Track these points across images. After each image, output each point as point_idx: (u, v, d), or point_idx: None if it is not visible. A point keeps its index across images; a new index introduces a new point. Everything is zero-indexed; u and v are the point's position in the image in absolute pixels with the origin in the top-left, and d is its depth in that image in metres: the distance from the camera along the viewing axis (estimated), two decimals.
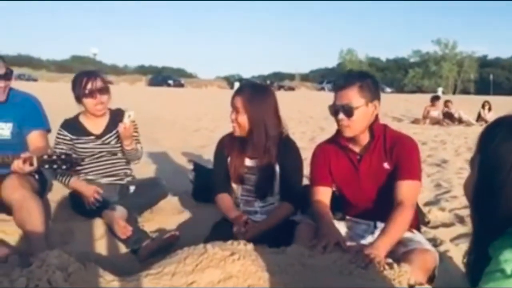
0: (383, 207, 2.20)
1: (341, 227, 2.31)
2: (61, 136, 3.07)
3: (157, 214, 3.28)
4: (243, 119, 2.52)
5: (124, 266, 2.43)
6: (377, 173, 2.26)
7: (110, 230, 2.83)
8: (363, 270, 1.83)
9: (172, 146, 6.95)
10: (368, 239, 2.25)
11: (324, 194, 2.36)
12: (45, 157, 2.48)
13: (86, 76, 3.04)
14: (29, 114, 2.86)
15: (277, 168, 2.58)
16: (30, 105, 2.92)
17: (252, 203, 2.67)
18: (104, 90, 3.06)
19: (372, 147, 2.26)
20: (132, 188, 3.17)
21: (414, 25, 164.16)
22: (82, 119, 3.16)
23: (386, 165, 2.24)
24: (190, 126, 10.60)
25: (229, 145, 2.69)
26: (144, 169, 4.47)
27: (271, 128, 2.54)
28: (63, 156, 2.49)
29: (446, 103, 13.10)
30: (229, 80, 61.39)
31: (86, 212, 2.97)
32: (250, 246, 2.00)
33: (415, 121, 12.80)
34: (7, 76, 2.75)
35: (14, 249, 2.60)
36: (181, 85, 49.46)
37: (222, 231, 2.45)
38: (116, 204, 2.87)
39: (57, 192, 3.30)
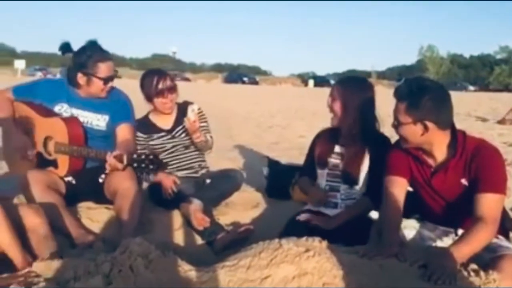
0: (464, 215, 2.08)
1: (423, 229, 2.21)
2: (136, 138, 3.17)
3: (232, 208, 3.33)
4: (337, 106, 2.56)
5: (200, 257, 2.49)
6: (453, 189, 2.11)
7: (187, 222, 2.91)
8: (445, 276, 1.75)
9: (246, 142, 7.04)
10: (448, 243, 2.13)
11: (400, 186, 2.22)
12: (135, 156, 2.58)
13: (157, 75, 3.15)
14: (121, 108, 3.02)
15: (367, 159, 2.56)
16: (122, 100, 3.07)
17: (336, 189, 2.62)
18: (173, 89, 3.17)
19: (448, 164, 2.10)
20: (207, 181, 3.24)
21: (501, 19, 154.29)
22: (152, 116, 3.27)
23: (463, 181, 2.08)
24: (264, 123, 10.67)
25: (322, 137, 2.77)
26: (218, 164, 4.55)
27: (363, 118, 2.55)
28: (151, 157, 2.57)
29: None
30: (303, 78, 61.04)
31: (165, 203, 3.07)
32: (325, 243, 1.97)
33: (502, 121, 12.00)
34: (115, 77, 2.94)
35: (99, 236, 2.76)
36: (256, 82, 49.98)
37: (297, 227, 2.43)
38: (192, 197, 2.95)
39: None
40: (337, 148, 2.66)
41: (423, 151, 2.15)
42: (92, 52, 2.83)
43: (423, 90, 2.02)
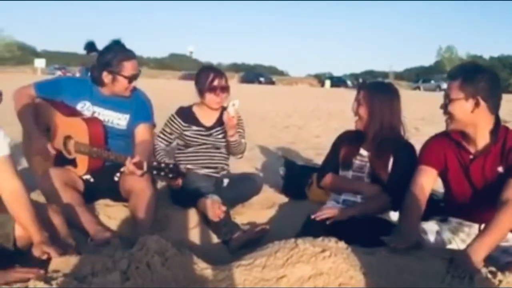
0: (492, 209, 2.06)
1: (442, 230, 2.19)
2: (172, 121, 3.23)
3: (248, 208, 3.33)
4: (363, 111, 2.57)
5: (216, 256, 2.50)
6: (489, 177, 2.14)
7: (204, 220, 2.92)
8: (463, 278, 1.73)
9: (262, 142, 7.03)
10: None
11: (428, 175, 2.29)
12: (155, 163, 2.61)
13: (213, 72, 3.20)
14: (142, 108, 3.06)
15: (390, 163, 2.55)
16: (143, 100, 3.11)
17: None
18: (226, 89, 3.21)
19: (488, 150, 2.13)
20: (226, 181, 3.25)
21: None
22: (195, 109, 3.30)
23: (500, 169, 2.11)
24: (280, 123, 10.64)
25: (346, 138, 2.76)
26: (235, 163, 4.56)
27: (387, 123, 2.55)
28: (171, 165, 2.59)
29: None
30: (319, 78, 60.76)
31: (182, 201, 3.09)
32: (341, 244, 1.96)
33: None
34: (138, 75, 2.98)
35: (116, 233, 2.78)
36: (272, 83, 49.89)
37: (314, 227, 2.42)
38: (211, 194, 2.95)
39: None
40: (362, 151, 2.65)
41: (464, 137, 2.20)
42: (117, 51, 2.88)
43: (478, 69, 2.14)
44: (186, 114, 3.26)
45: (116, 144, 2.89)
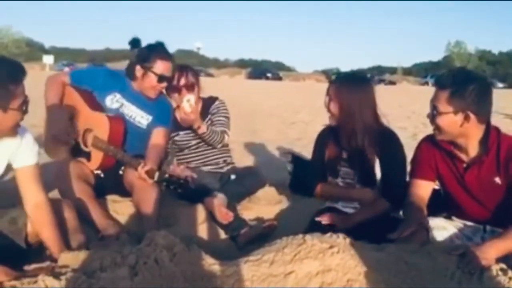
0: (494, 211, 2.04)
1: (449, 226, 2.18)
2: None
3: (255, 204, 3.33)
4: (335, 106, 2.46)
5: (223, 251, 2.51)
6: (486, 186, 2.08)
7: (211, 216, 2.93)
8: (472, 275, 1.72)
9: (269, 138, 7.04)
10: (478, 242, 2.10)
11: (423, 188, 2.23)
12: (166, 175, 2.62)
13: (177, 72, 3.11)
14: (164, 112, 3.09)
15: (377, 161, 2.48)
16: (167, 104, 3.15)
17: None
18: (192, 87, 3.13)
19: (481, 160, 2.07)
20: (232, 177, 3.25)
21: None
22: (176, 112, 3.26)
23: (497, 180, 2.05)
24: (287, 119, 10.64)
25: (328, 137, 2.64)
26: (242, 159, 4.57)
27: (363, 118, 2.42)
28: (182, 181, 2.60)
29: None
30: (327, 74, 60.57)
31: (189, 197, 3.10)
32: (349, 240, 1.95)
33: None
34: (170, 79, 3.01)
35: (124, 228, 2.80)
36: (279, 78, 49.86)
37: (320, 226, 2.40)
38: (217, 192, 2.96)
39: None
40: (345, 155, 2.57)
41: (454, 146, 2.12)
42: (156, 49, 2.93)
43: (468, 80, 1.99)
44: None
45: (132, 141, 2.92)
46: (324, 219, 2.43)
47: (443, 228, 2.23)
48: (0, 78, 1.84)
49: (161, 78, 2.92)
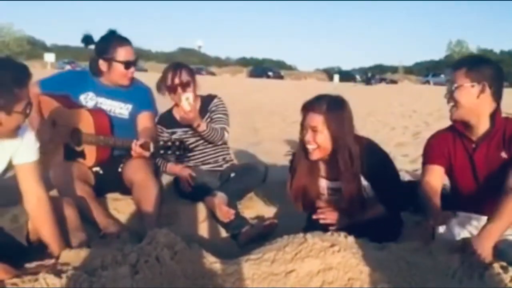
0: (498, 200, 2.04)
1: (453, 225, 2.18)
2: (159, 132, 3.19)
3: (256, 202, 3.33)
4: (324, 139, 2.29)
5: (224, 250, 2.51)
6: (493, 162, 2.18)
7: (212, 215, 2.93)
8: (473, 273, 1.71)
9: (270, 136, 7.03)
10: None
11: (435, 174, 2.32)
12: (161, 143, 2.61)
13: (172, 70, 3.12)
14: (143, 97, 3.08)
15: (363, 180, 2.37)
16: (144, 89, 3.13)
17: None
18: (187, 85, 3.09)
19: (490, 136, 2.19)
20: (232, 174, 3.24)
21: None
22: (174, 110, 3.26)
23: (503, 154, 2.16)
24: (289, 117, 10.60)
25: (302, 173, 2.45)
26: (243, 158, 4.57)
27: (354, 145, 2.30)
28: (177, 143, 2.59)
29: None
30: (328, 73, 60.54)
31: (190, 196, 3.10)
32: (350, 238, 1.96)
33: None
34: (135, 63, 2.99)
35: (125, 226, 2.80)
36: (281, 77, 49.75)
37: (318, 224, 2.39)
38: (217, 190, 2.96)
39: (164, 176, 3.48)
40: (327, 183, 2.45)
41: (466, 127, 2.25)
42: (112, 39, 2.91)
43: (483, 59, 2.25)
44: (167, 120, 3.24)
45: (119, 134, 2.90)
46: (321, 217, 2.40)
47: (445, 227, 2.23)
48: (5, 81, 1.85)
49: (127, 64, 2.91)
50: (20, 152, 2.09)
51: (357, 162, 2.31)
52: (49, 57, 45.63)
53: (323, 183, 2.48)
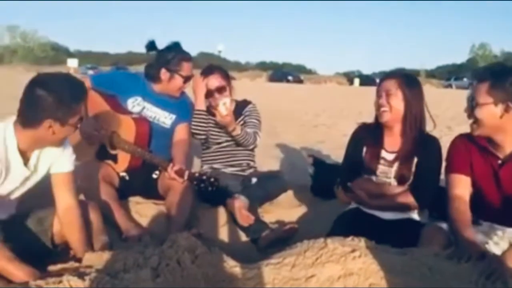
0: None
1: (477, 233, 2.13)
2: (199, 114, 3.21)
3: (276, 207, 3.33)
4: (398, 102, 2.41)
5: (244, 254, 2.50)
6: None
7: (232, 219, 2.94)
8: (497, 283, 1.68)
9: (291, 140, 7.01)
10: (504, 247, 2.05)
11: (463, 185, 2.19)
12: (196, 174, 2.70)
13: (204, 75, 3.21)
14: (186, 108, 3.18)
15: (414, 163, 2.44)
16: (188, 101, 3.24)
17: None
18: (223, 89, 3.20)
19: None
20: (254, 180, 3.26)
21: None
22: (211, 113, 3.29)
23: None
24: (309, 122, 10.59)
25: (365, 135, 2.60)
26: (264, 162, 4.56)
27: (419, 119, 2.43)
28: (212, 179, 2.66)
29: None
30: (348, 76, 60.08)
31: (211, 200, 3.11)
32: (372, 243, 1.94)
33: None
34: (190, 79, 3.08)
35: (146, 230, 2.82)
36: (300, 81, 49.63)
37: (343, 227, 2.38)
38: (238, 194, 2.97)
39: None
40: (385, 154, 2.52)
41: (490, 142, 2.12)
42: (177, 51, 3.00)
43: (507, 72, 2.03)
44: (206, 112, 3.28)
45: (157, 142, 2.97)
46: (359, 190, 2.49)
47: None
48: (64, 97, 1.98)
49: (187, 79, 3.02)
50: (60, 161, 2.19)
51: (419, 136, 2.42)
52: (72, 63, 46.37)
53: (385, 154, 2.53)
